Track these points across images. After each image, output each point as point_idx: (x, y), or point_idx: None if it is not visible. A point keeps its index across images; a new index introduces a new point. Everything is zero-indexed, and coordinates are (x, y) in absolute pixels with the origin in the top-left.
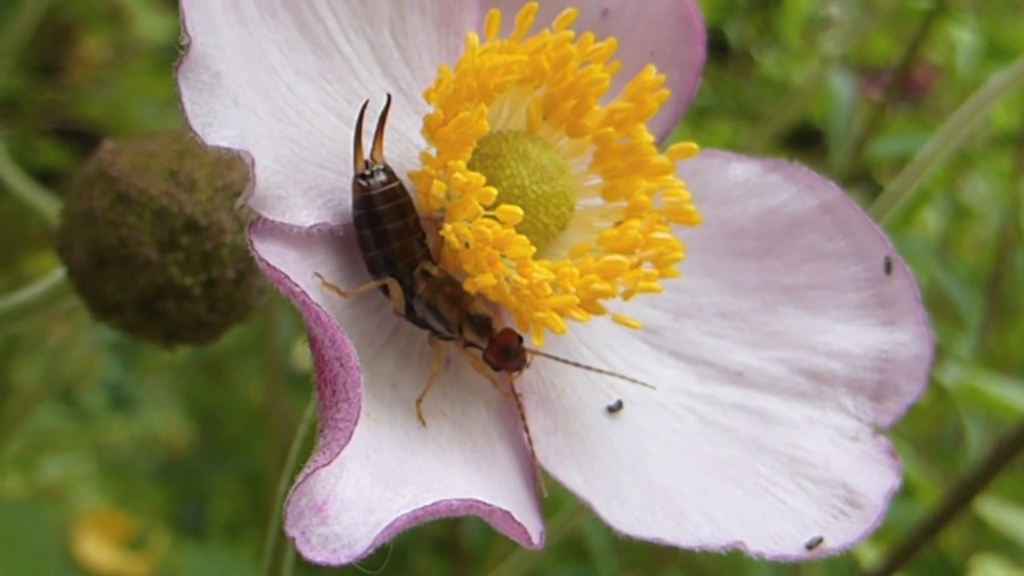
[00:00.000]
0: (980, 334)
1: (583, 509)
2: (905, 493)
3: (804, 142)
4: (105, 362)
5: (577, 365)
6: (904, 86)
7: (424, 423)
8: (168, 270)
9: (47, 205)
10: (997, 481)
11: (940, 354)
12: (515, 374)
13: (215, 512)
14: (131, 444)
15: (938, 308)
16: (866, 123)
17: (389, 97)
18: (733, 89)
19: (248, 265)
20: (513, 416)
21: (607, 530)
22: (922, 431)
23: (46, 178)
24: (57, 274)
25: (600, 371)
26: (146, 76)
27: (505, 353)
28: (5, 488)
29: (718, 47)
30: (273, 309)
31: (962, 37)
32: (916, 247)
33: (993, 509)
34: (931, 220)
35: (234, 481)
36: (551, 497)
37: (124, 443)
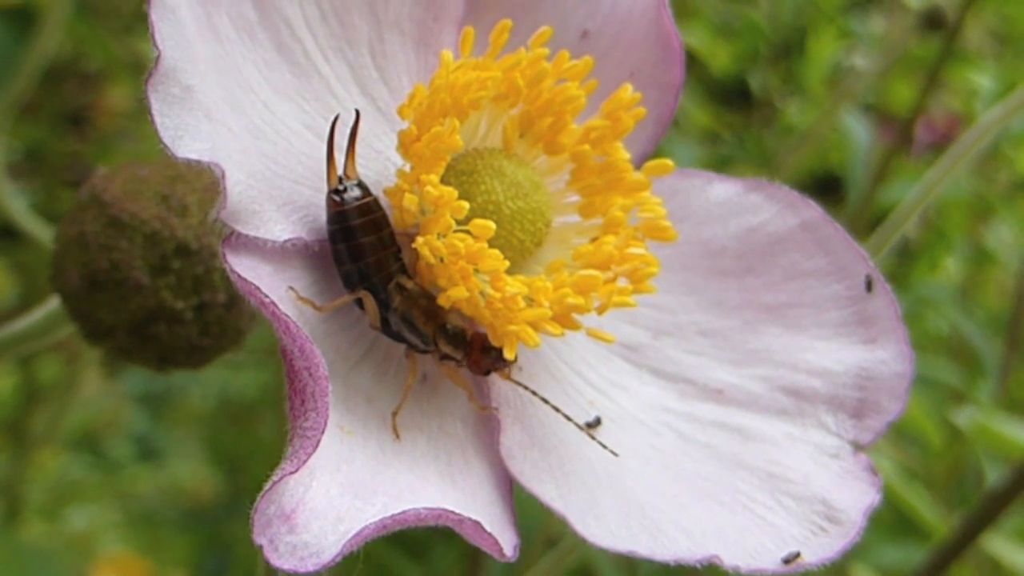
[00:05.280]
0: (1000, 379)
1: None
2: (920, 535)
3: (826, 189)
4: (132, 414)
5: (535, 394)
6: (926, 133)
7: (399, 436)
8: (160, 294)
9: None
10: (1014, 522)
11: (960, 398)
12: (506, 371)
13: (239, 560)
14: (157, 494)
15: (959, 353)
16: (879, 167)
17: (358, 113)
18: (756, 138)
19: None
20: (490, 432)
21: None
22: (939, 473)
23: None
24: (53, 302)
25: (557, 410)
26: None
27: (486, 352)
28: (29, 537)
29: (741, 96)
30: None
31: (981, 83)
32: (937, 293)
33: (1008, 549)
34: (952, 267)
35: None
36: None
37: (150, 493)
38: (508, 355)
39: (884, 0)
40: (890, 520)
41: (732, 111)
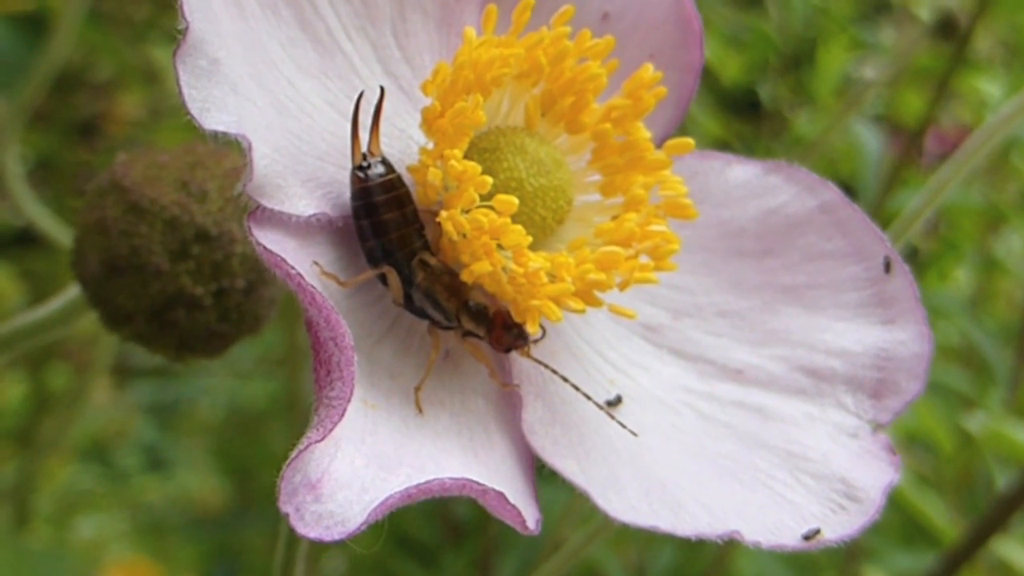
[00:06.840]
0: (1010, 387)
1: (593, 537)
2: (931, 541)
3: None
4: (141, 424)
5: (555, 372)
6: (935, 143)
7: (421, 411)
8: (179, 279)
9: None
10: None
11: (970, 405)
12: (527, 348)
13: (247, 569)
14: (165, 503)
15: (969, 362)
16: (889, 178)
17: (382, 89)
18: (766, 148)
19: (258, 275)
20: (512, 409)
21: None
22: (950, 478)
23: None
24: (73, 290)
25: (577, 388)
26: (179, 133)
27: (507, 329)
28: (37, 545)
29: (751, 106)
30: (300, 366)
31: (991, 92)
32: (948, 303)
33: (1018, 552)
34: (962, 277)
35: (266, 537)
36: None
37: (158, 502)
38: (531, 329)
39: (895, 10)
40: (901, 526)
41: (742, 121)
